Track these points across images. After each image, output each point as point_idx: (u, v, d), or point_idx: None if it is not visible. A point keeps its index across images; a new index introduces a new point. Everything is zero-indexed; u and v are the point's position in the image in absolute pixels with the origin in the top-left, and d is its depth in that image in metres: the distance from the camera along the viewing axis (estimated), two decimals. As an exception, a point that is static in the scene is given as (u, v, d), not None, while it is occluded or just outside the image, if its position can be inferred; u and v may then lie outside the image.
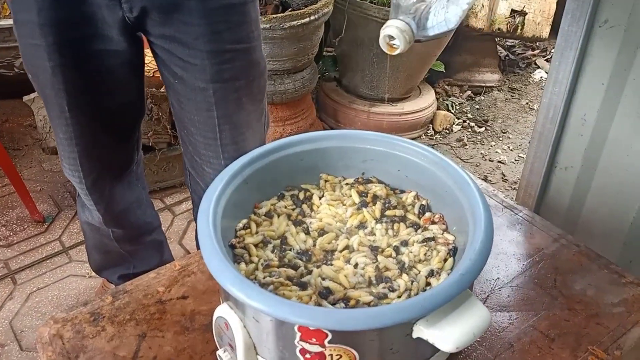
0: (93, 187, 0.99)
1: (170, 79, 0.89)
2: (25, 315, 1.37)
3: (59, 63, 0.82)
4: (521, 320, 0.61)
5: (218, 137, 0.90)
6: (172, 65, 0.86)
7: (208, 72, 0.84)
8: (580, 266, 0.68)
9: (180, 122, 0.95)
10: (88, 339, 0.60)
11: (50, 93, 0.86)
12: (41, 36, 0.80)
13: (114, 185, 1.04)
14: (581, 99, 0.91)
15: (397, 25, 0.53)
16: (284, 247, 0.58)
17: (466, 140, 2.19)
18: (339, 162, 0.67)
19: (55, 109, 0.88)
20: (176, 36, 0.82)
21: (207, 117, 0.89)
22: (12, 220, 1.69)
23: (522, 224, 0.76)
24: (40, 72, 0.84)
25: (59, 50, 0.81)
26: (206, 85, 0.85)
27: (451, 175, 0.59)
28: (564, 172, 0.97)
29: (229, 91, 0.87)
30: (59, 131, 0.91)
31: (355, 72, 2.10)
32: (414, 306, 0.45)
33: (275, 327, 0.48)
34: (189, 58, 0.84)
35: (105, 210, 1.04)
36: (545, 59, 2.88)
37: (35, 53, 0.82)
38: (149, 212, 1.17)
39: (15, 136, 2.07)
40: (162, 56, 0.87)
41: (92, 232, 1.14)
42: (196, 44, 0.82)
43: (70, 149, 0.92)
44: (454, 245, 0.57)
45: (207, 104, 0.87)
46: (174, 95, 0.91)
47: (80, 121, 0.89)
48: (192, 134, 0.93)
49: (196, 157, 0.97)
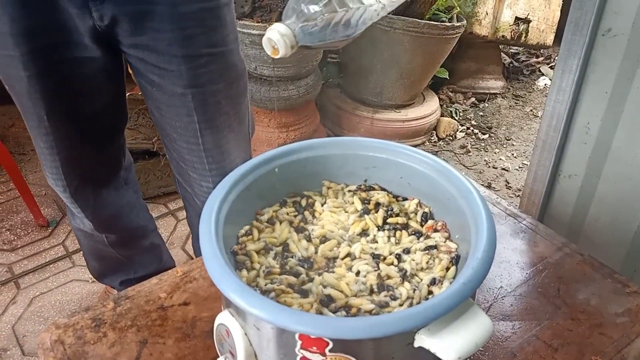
0: (77, 195, 0.99)
1: (147, 87, 0.88)
2: (27, 320, 1.38)
3: (34, 72, 0.81)
4: (524, 330, 0.61)
5: (200, 142, 0.90)
6: (148, 74, 0.86)
7: (185, 77, 0.84)
8: (583, 275, 0.68)
9: (162, 129, 0.95)
10: (89, 344, 0.60)
11: (28, 103, 0.85)
12: (14, 46, 0.79)
13: (100, 192, 1.03)
14: (585, 108, 0.91)
15: (279, 29, 0.53)
16: (285, 254, 0.58)
17: (470, 147, 2.19)
18: (341, 169, 0.67)
19: (34, 119, 0.87)
20: (149, 44, 0.82)
21: (188, 122, 0.88)
22: (16, 224, 1.69)
23: (525, 232, 0.75)
24: (16, 82, 0.83)
25: (33, 60, 0.80)
26: (184, 91, 0.85)
27: (454, 183, 0.59)
28: (567, 181, 0.96)
29: (207, 95, 0.87)
30: (39, 140, 0.90)
31: (359, 78, 2.10)
32: (416, 315, 0.45)
33: (276, 335, 0.47)
34: (165, 64, 0.83)
35: (93, 217, 1.04)
36: (549, 66, 2.88)
37: (10, 63, 0.81)
38: (142, 216, 1.16)
39: (20, 141, 2.08)
40: (137, 66, 0.86)
41: (85, 238, 1.14)
42: (170, 49, 0.82)
43: (52, 158, 0.92)
44: (457, 254, 0.57)
45: (187, 109, 0.87)
46: (153, 103, 0.91)
47: (59, 129, 0.89)
48: (175, 140, 0.93)
49: (181, 163, 0.97)
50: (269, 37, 0.54)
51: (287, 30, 0.53)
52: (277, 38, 0.53)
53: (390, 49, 1.94)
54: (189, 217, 1.16)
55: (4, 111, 2.17)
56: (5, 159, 1.55)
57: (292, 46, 0.53)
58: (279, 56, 0.54)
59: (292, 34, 0.53)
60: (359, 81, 2.11)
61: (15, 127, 2.13)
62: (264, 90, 1.81)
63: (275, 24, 0.54)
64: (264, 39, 0.55)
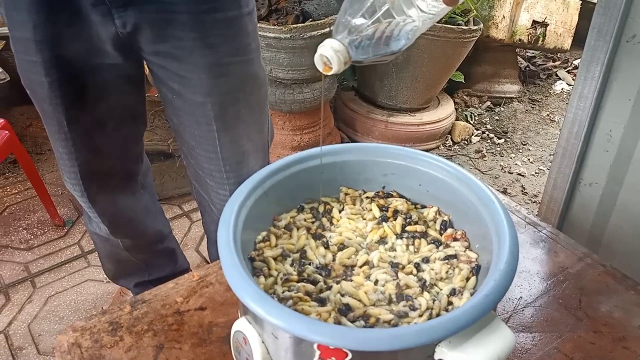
0: (95, 200, 0.99)
1: (168, 95, 0.88)
2: (43, 319, 1.39)
3: (56, 78, 0.82)
4: (545, 342, 0.60)
5: (219, 151, 0.90)
6: (168, 82, 0.86)
7: (205, 86, 0.84)
8: (606, 287, 0.66)
9: (180, 136, 0.95)
10: (106, 348, 0.60)
11: (49, 108, 0.86)
12: (37, 52, 0.80)
13: (117, 197, 1.04)
14: (607, 115, 0.89)
15: (332, 45, 0.51)
16: (303, 261, 0.57)
17: (485, 152, 2.17)
18: (359, 176, 0.66)
19: (54, 124, 0.88)
20: (171, 52, 0.82)
21: (207, 130, 0.88)
22: (33, 223, 1.71)
23: (545, 242, 0.74)
24: (38, 87, 0.84)
25: (55, 66, 0.81)
26: (204, 99, 0.85)
27: (474, 191, 0.58)
28: (588, 189, 0.95)
29: (227, 104, 0.86)
30: (58, 146, 0.91)
31: (374, 81, 2.09)
32: (437, 328, 0.44)
33: (294, 344, 0.47)
34: (186, 73, 0.83)
35: (110, 222, 1.04)
36: (566, 70, 2.85)
37: (32, 69, 0.82)
38: (158, 220, 1.17)
39: (38, 140, 2.10)
40: (158, 73, 0.86)
41: (101, 242, 1.14)
42: (192, 58, 0.82)
43: (71, 164, 0.92)
44: (477, 264, 0.56)
45: (206, 117, 0.87)
46: (172, 111, 0.91)
47: (79, 135, 0.89)
48: (193, 147, 0.93)
49: (199, 170, 0.97)
50: (321, 54, 0.52)
51: (341, 46, 0.51)
52: (330, 54, 0.51)
53: (406, 52, 1.93)
54: (204, 222, 1.16)
55: (22, 111, 2.20)
56: (22, 159, 1.57)
57: (346, 62, 0.52)
58: (332, 73, 0.53)
59: (345, 49, 0.52)
60: (374, 84, 2.10)
61: (33, 127, 2.15)
62: (279, 93, 1.81)
63: (327, 40, 0.52)
64: (316, 56, 0.53)
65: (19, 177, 1.91)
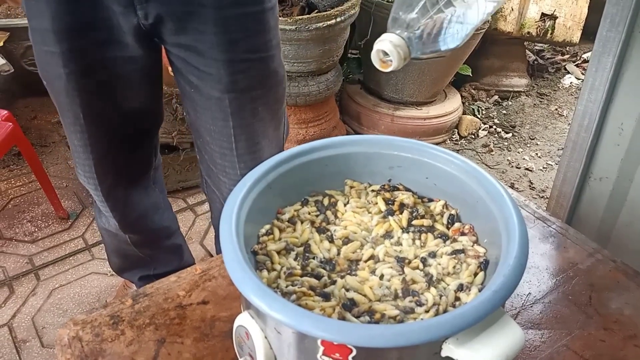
0: (109, 194, 0.99)
1: (186, 87, 0.87)
2: (47, 312, 1.39)
3: (74, 70, 0.81)
4: (554, 339, 0.59)
5: (234, 147, 0.89)
6: (188, 74, 0.85)
7: (224, 81, 0.83)
8: (617, 283, 0.65)
9: (196, 130, 0.94)
10: (107, 342, 0.59)
11: (65, 100, 0.85)
12: (55, 43, 0.79)
13: (130, 191, 1.03)
14: (618, 107, 0.87)
15: (392, 40, 0.49)
16: (307, 255, 0.56)
17: (492, 146, 2.15)
18: (364, 168, 0.65)
19: (69, 116, 0.87)
20: (192, 45, 0.81)
21: (223, 126, 0.87)
22: (37, 216, 1.71)
23: (555, 237, 0.73)
24: (55, 78, 0.83)
25: (73, 57, 0.80)
26: (222, 95, 0.84)
27: (483, 185, 0.57)
28: (598, 183, 0.93)
29: (245, 101, 0.85)
30: (73, 138, 0.90)
31: (380, 75, 2.07)
32: (444, 324, 0.43)
33: (297, 340, 0.46)
34: (205, 67, 0.82)
35: (121, 217, 1.04)
36: (575, 64, 2.81)
37: (50, 60, 0.81)
38: (167, 216, 1.16)
39: (42, 133, 2.10)
40: (178, 65, 0.86)
41: (109, 237, 1.14)
42: (212, 53, 0.81)
43: (85, 156, 0.92)
44: (485, 259, 0.55)
45: (223, 113, 0.86)
46: (189, 104, 0.90)
47: (95, 128, 0.89)
48: (208, 143, 0.92)
49: (212, 166, 0.96)
50: (379, 49, 0.50)
51: (400, 41, 0.49)
52: (389, 49, 0.49)
53: (413, 45, 1.91)
54: (214, 218, 1.15)
55: (27, 103, 2.20)
56: (27, 151, 1.56)
57: (405, 58, 0.50)
58: (390, 69, 0.51)
59: (405, 44, 0.49)
60: (380, 77, 2.08)
61: (37, 119, 2.15)
62: (284, 86, 1.80)
63: (384, 35, 0.50)
64: (373, 52, 0.51)
65: (23, 169, 1.91)
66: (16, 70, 1.91)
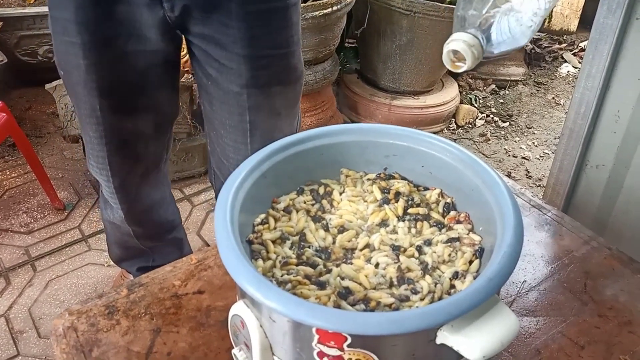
0: (120, 186, 0.98)
1: (204, 79, 0.87)
2: (44, 303, 1.39)
3: (94, 62, 0.81)
4: (549, 326, 0.59)
5: (248, 142, 0.89)
6: (207, 67, 0.85)
7: (244, 76, 0.82)
8: (612, 270, 0.65)
9: (210, 123, 0.94)
10: (102, 332, 0.59)
11: (83, 91, 0.85)
12: (77, 34, 0.79)
13: (141, 184, 1.03)
14: (615, 95, 0.87)
15: (465, 39, 0.47)
16: (302, 244, 0.56)
17: (489, 135, 2.15)
18: (360, 157, 0.65)
19: (86, 108, 0.87)
20: (215, 37, 0.81)
21: (239, 121, 0.87)
22: (33, 207, 1.71)
23: (550, 225, 0.73)
24: (74, 69, 0.83)
25: (93, 49, 0.80)
26: (240, 90, 0.84)
27: (479, 173, 0.57)
28: (594, 171, 0.93)
29: (263, 97, 0.85)
30: (88, 129, 0.90)
31: (377, 64, 2.06)
32: (439, 311, 0.43)
33: (292, 329, 0.46)
34: (225, 61, 0.82)
35: (128, 209, 1.03)
36: (572, 52, 2.80)
37: (70, 50, 0.81)
38: (171, 210, 1.16)
39: (37, 124, 2.09)
40: (199, 56, 0.85)
41: (112, 229, 1.14)
42: (234, 47, 0.80)
43: (100, 148, 0.92)
44: (481, 247, 0.55)
45: (240, 108, 0.85)
46: (206, 97, 0.90)
47: (111, 120, 0.88)
48: (222, 136, 0.91)
49: (224, 159, 0.95)
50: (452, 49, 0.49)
51: (474, 40, 0.48)
52: (463, 49, 0.48)
53: (410, 34, 1.90)
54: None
55: (21, 94, 2.18)
56: (22, 142, 1.55)
57: (478, 57, 0.49)
58: (463, 70, 0.50)
59: (479, 43, 0.48)
60: (377, 67, 2.07)
61: (32, 110, 2.14)
62: (280, 75, 1.78)
63: (456, 34, 0.49)
64: (444, 53, 0.50)
65: (18, 160, 1.90)
66: (10, 61, 1.90)
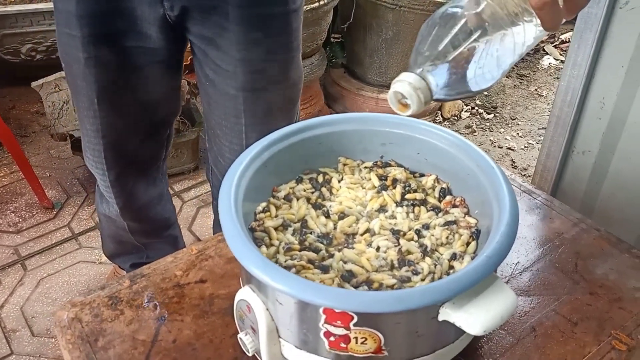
0: (116, 181, 0.98)
1: (202, 79, 0.88)
2: (36, 301, 1.38)
3: (93, 55, 0.81)
4: (543, 305, 0.61)
5: (244, 144, 0.89)
6: (205, 67, 0.85)
7: (240, 80, 0.83)
8: (601, 250, 0.68)
9: (208, 122, 0.94)
10: (107, 322, 0.59)
11: (82, 84, 0.85)
12: (77, 27, 0.79)
13: (138, 181, 1.03)
14: (600, 82, 0.90)
15: (411, 82, 0.43)
16: (304, 231, 0.57)
17: (475, 127, 2.18)
18: (357, 146, 0.66)
19: (84, 101, 0.87)
20: (213, 38, 0.81)
21: (235, 123, 0.87)
22: (21, 206, 1.69)
23: (540, 208, 0.75)
24: (74, 62, 0.84)
25: (93, 43, 0.81)
26: (236, 93, 0.84)
27: (473, 158, 0.59)
28: (581, 157, 0.96)
29: (259, 100, 0.85)
30: (86, 122, 0.90)
31: (363, 58, 2.08)
32: (442, 288, 0.44)
33: (299, 310, 0.47)
34: (222, 63, 0.82)
35: (124, 205, 1.03)
36: (553, 45, 2.85)
37: (71, 42, 0.81)
38: (168, 208, 1.16)
39: (22, 123, 2.06)
40: (199, 56, 0.86)
41: (108, 223, 1.14)
42: (230, 50, 0.81)
43: (96, 141, 0.91)
44: (477, 229, 0.57)
45: (236, 110, 0.86)
46: (204, 97, 0.91)
47: (108, 115, 0.89)
48: (219, 136, 0.92)
49: (220, 158, 0.96)
50: (396, 91, 0.44)
51: (421, 82, 0.43)
52: (408, 92, 0.43)
53: (396, 28, 1.92)
54: (215, 205, 1.15)
55: (5, 93, 2.15)
56: (7, 141, 1.54)
57: (426, 102, 0.44)
58: (409, 113, 0.46)
59: (426, 86, 0.43)
60: (364, 61, 2.08)
61: (16, 109, 2.11)
62: (268, 70, 1.79)
63: (403, 74, 0.44)
64: (390, 93, 0.45)
65: (4, 160, 1.87)
66: (-8, 59, 1.87)
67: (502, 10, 0.42)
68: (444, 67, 0.43)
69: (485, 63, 0.43)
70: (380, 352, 0.47)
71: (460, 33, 0.42)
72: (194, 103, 1.83)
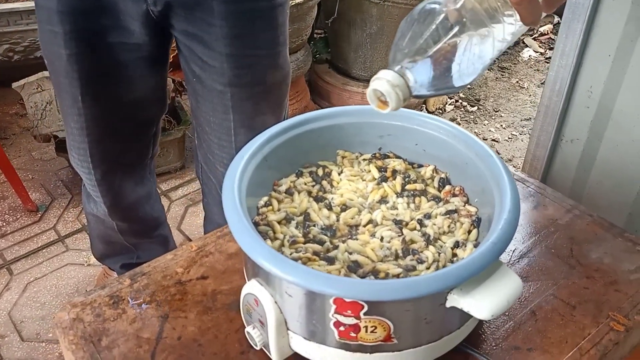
0: (102, 180, 0.97)
1: (189, 76, 0.87)
2: (24, 306, 1.35)
3: (75, 52, 0.80)
4: (541, 290, 0.62)
5: (233, 140, 0.89)
6: (192, 64, 0.84)
7: (226, 75, 0.82)
8: (595, 235, 0.69)
9: (196, 119, 0.94)
10: (109, 322, 0.59)
11: (64, 81, 0.84)
12: (59, 23, 0.78)
13: (125, 179, 1.01)
14: (587, 71, 0.92)
15: (389, 79, 0.43)
16: (307, 223, 0.57)
17: (459, 120, 2.20)
18: (355, 138, 0.66)
19: (68, 98, 0.86)
20: (198, 34, 0.80)
21: (223, 119, 0.87)
22: (4, 210, 1.65)
23: (534, 196, 0.76)
24: (56, 59, 0.82)
25: (75, 39, 0.79)
26: (224, 89, 0.83)
27: (472, 147, 0.59)
28: (569, 145, 0.97)
29: (247, 96, 0.85)
30: (70, 120, 0.89)
31: (348, 53, 2.08)
32: (450, 275, 0.45)
33: (308, 301, 0.47)
34: (208, 59, 0.82)
35: (111, 203, 1.02)
36: (532, 37, 2.89)
37: (53, 39, 0.80)
38: (157, 207, 1.15)
39: (1, 125, 2.02)
40: (184, 52, 0.85)
41: (96, 222, 1.12)
42: (216, 45, 0.80)
43: (81, 139, 0.90)
44: (477, 217, 0.57)
45: (224, 106, 0.85)
46: (192, 93, 0.90)
47: (93, 112, 0.87)
48: (207, 133, 0.91)
49: (209, 155, 0.95)
50: (374, 89, 0.44)
51: (399, 80, 0.43)
52: (386, 90, 0.43)
53: (380, 22, 1.92)
54: (206, 203, 1.13)
55: (-18, 95, 2.10)
56: (-10, 143, 1.50)
57: (405, 99, 0.44)
58: (388, 111, 0.45)
59: (405, 83, 0.43)
60: (348, 56, 2.09)
61: (-5, 111, 2.06)
62: (253, 67, 1.78)
63: (381, 72, 0.44)
64: (368, 91, 0.45)
65: (-15, 163, 1.83)
66: (-31, 60, 1.82)
67: (481, 5, 0.42)
68: (423, 64, 0.43)
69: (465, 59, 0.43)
70: (390, 339, 0.48)
71: (439, 29, 0.42)
72: (178, 101, 1.81)
